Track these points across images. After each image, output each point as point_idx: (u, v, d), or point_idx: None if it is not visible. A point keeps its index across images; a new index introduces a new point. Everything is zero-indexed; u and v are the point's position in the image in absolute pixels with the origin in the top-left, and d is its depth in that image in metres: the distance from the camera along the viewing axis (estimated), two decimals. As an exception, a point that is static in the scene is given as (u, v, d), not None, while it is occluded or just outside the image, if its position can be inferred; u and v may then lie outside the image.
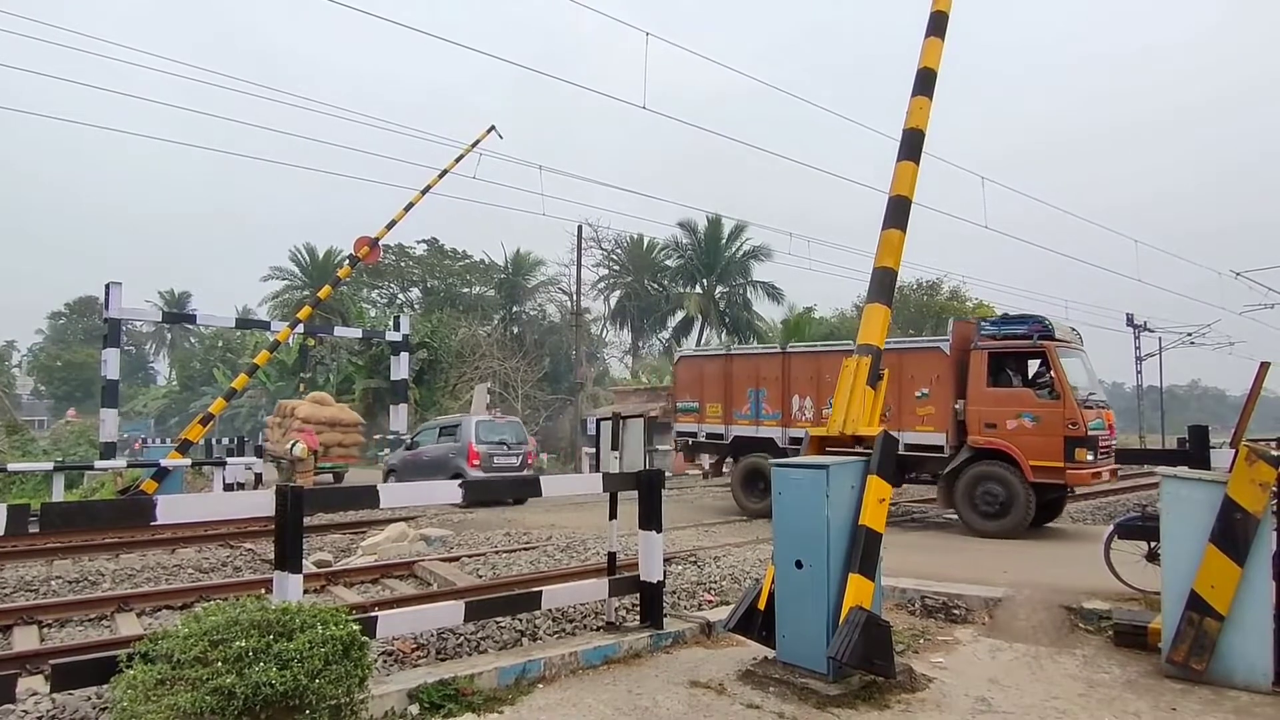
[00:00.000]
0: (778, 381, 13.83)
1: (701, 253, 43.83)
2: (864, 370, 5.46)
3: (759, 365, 14.30)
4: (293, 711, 3.44)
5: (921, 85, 6.26)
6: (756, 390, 14.10)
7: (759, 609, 5.15)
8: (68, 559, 10.40)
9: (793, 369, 13.72)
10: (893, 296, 5.78)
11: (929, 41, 6.42)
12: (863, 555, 4.69)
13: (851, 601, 4.54)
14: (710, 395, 14.85)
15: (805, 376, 13.51)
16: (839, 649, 4.38)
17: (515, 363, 33.68)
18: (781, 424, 13.69)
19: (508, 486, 12.68)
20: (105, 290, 23.51)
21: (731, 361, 14.81)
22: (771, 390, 13.92)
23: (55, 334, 71.20)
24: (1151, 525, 6.26)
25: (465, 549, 10.98)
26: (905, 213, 5.88)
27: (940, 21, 6.52)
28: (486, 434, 17.03)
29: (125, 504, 5.17)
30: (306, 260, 47.03)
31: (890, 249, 5.75)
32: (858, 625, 4.41)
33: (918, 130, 6.08)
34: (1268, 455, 4.78)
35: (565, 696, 4.67)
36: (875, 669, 4.54)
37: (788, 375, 13.73)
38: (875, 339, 5.56)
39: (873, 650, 4.45)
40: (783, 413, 13.70)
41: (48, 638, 6.96)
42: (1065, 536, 11.26)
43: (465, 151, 20.98)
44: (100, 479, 18.68)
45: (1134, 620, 5.79)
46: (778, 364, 13.96)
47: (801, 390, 13.51)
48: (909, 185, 5.92)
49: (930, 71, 6.30)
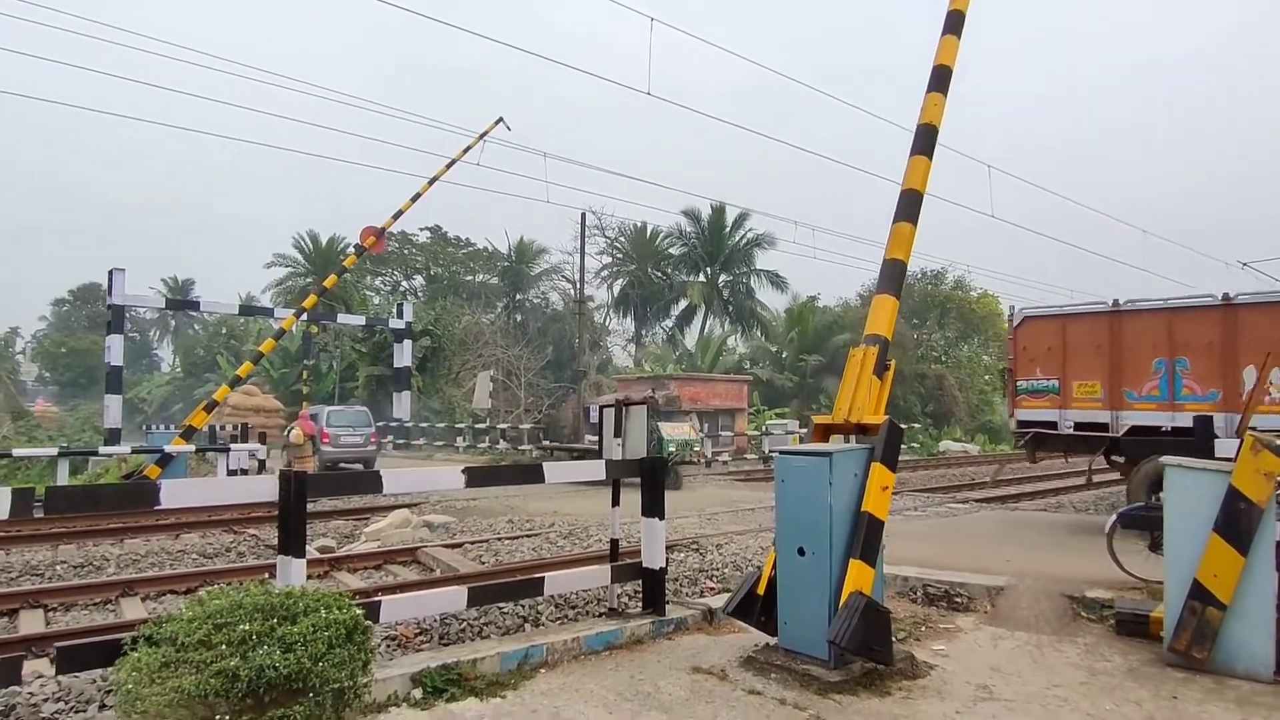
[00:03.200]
0: (1211, 348, 10.04)
1: (705, 241, 43.75)
2: (870, 359, 5.46)
3: (1176, 324, 10.38)
4: (296, 694, 3.46)
5: (937, 82, 6.29)
6: (1171, 360, 10.34)
7: (758, 594, 5.15)
8: (73, 544, 10.45)
9: (1245, 326, 9.82)
10: (902, 287, 5.83)
11: (945, 39, 6.46)
12: (864, 541, 4.68)
13: (851, 587, 4.53)
14: (1081, 368, 11.08)
15: (1269, 337, 9.42)
16: (838, 632, 4.38)
17: (518, 350, 33.67)
18: (1221, 407, 9.73)
19: (512, 473, 12.69)
20: (109, 276, 23.59)
21: (1121, 321, 10.85)
22: (1200, 360, 10.11)
23: (59, 320, 71.24)
24: (1155, 514, 6.25)
25: (468, 535, 11.02)
26: (917, 206, 5.92)
27: (957, 20, 6.55)
28: (337, 420, 22.37)
29: (129, 488, 5.18)
30: (310, 247, 47.06)
31: (901, 241, 5.80)
32: (857, 610, 4.40)
33: (931, 126, 6.12)
34: (1273, 445, 4.76)
35: (568, 682, 4.68)
36: (874, 655, 4.54)
37: (1234, 335, 9.89)
38: (883, 329, 5.56)
39: (872, 636, 4.45)
40: (1223, 390, 9.91)
41: (53, 621, 7.01)
42: (1068, 526, 11.25)
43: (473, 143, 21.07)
44: (105, 465, 18.75)
45: (1136, 609, 5.79)
46: (1215, 321, 10.06)
47: (1258, 357, 9.34)
48: (921, 180, 5.94)
49: (946, 69, 6.34)
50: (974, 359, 46.04)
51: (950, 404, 40.62)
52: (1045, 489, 18.95)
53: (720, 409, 29.20)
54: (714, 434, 27.79)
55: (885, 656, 4.62)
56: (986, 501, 14.96)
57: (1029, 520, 12.02)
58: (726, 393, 30.19)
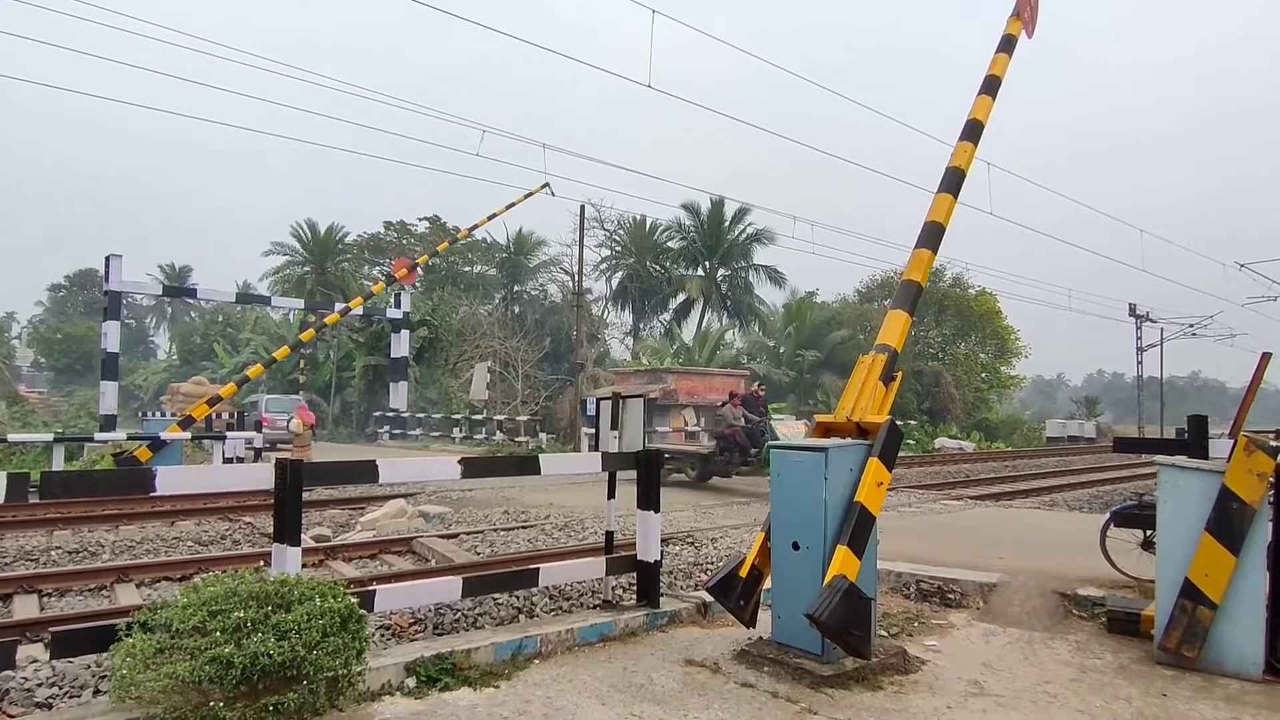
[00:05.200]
0: None
1: (704, 235, 43.70)
2: (878, 366, 5.57)
3: None
4: (290, 682, 3.47)
5: (969, 132, 6.74)
6: None
7: (740, 576, 5.13)
8: (67, 530, 10.45)
9: None
10: (916, 307, 6.12)
11: (980, 99, 6.92)
12: (854, 531, 4.65)
13: (836, 571, 4.48)
14: None
15: None
16: (818, 608, 4.29)
17: (516, 342, 33.66)
18: None
19: (508, 465, 12.70)
20: (105, 263, 23.52)
21: None
22: None
23: (55, 306, 71.07)
24: (1148, 513, 6.29)
25: (464, 526, 11.03)
26: (939, 237, 6.31)
27: (993, 83, 7.01)
28: (274, 406, 27.43)
29: (124, 474, 5.19)
30: (308, 235, 46.88)
31: (920, 265, 6.13)
32: (839, 591, 4.34)
33: (959, 169, 6.51)
34: (1266, 445, 4.78)
35: (561, 673, 4.70)
36: (852, 640, 4.41)
37: None
38: (894, 341, 5.73)
39: (851, 620, 4.35)
40: None
41: (47, 606, 7.01)
42: (1060, 524, 11.30)
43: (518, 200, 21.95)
44: (100, 451, 18.73)
45: (1128, 607, 5.82)
46: None
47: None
48: (945, 214, 6.32)
49: (978, 123, 6.77)
50: (971, 356, 46.13)
51: (946, 401, 40.72)
52: (1040, 487, 19.02)
53: (717, 403, 29.23)
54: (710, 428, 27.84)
55: (862, 646, 4.47)
56: (981, 499, 15.00)
57: (1023, 518, 12.06)
58: (724, 387, 30.19)
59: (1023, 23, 7.39)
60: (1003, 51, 7.16)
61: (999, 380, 47.55)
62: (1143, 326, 46.25)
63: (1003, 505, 14.52)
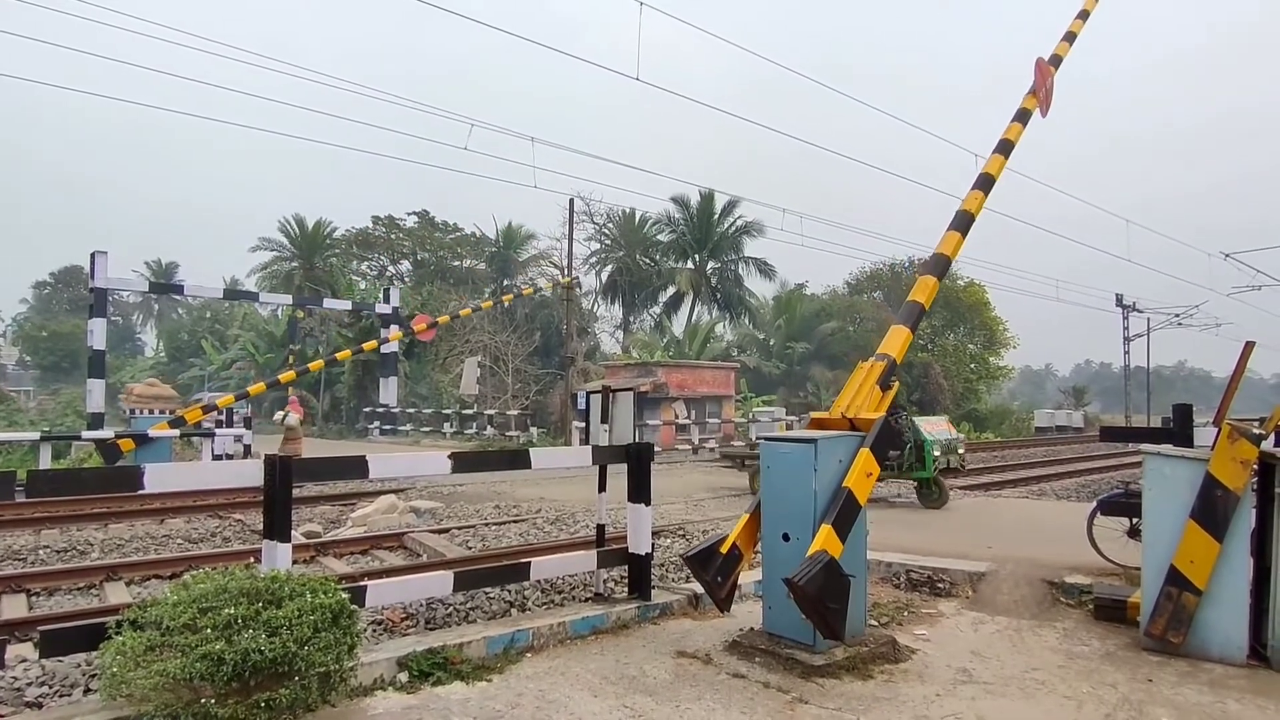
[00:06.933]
0: None
1: (694, 227, 43.65)
2: (876, 372, 5.71)
3: None
4: (282, 678, 3.47)
5: (981, 184, 7.10)
6: None
7: (720, 552, 5.16)
8: (55, 528, 10.38)
9: None
10: (917, 326, 6.43)
11: (994, 157, 7.31)
12: (839, 512, 4.68)
13: (818, 548, 4.51)
14: None
15: None
16: (798, 574, 4.34)
17: (506, 336, 33.57)
18: None
19: (499, 459, 12.70)
20: (91, 259, 23.27)
21: None
22: None
23: (40, 304, 70.41)
24: (1134, 502, 6.35)
25: (455, 521, 11.03)
26: (945, 267, 6.72)
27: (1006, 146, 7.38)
28: None
29: (112, 471, 5.16)
30: (296, 231, 46.60)
31: (924, 289, 6.40)
32: (820, 562, 4.39)
33: (969, 213, 6.89)
34: (1249, 433, 4.83)
35: (553, 666, 4.72)
36: (827, 615, 4.40)
37: None
38: (894, 351, 5.93)
39: (828, 593, 4.36)
40: None
41: (36, 605, 6.97)
42: (1048, 513, 11.39)
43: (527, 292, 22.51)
44: (87, 449, 18.58)
45: (1114, 594, 5.88)
46: None
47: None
48: (953, 249, 6.74)
49: (990, 178, 7.13)
50: (960, 347, 46.34)
51: (936, 392, 40.89)
52: (1027, 476, 19.16)
53: (707, 396, 29.25)
54: (701, 421, 27.88)
55: (836, 622, 4.45)
56: (970, 489, 15.10)
57: (1011, 507, 12.15)
58: (714, 380, 30.24)
59: (1038, 101, 7.76)
60: (1017, 121, 7.57)
61: (988, 371, 47.82)
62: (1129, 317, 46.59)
63: (992, 495, 14.62)
